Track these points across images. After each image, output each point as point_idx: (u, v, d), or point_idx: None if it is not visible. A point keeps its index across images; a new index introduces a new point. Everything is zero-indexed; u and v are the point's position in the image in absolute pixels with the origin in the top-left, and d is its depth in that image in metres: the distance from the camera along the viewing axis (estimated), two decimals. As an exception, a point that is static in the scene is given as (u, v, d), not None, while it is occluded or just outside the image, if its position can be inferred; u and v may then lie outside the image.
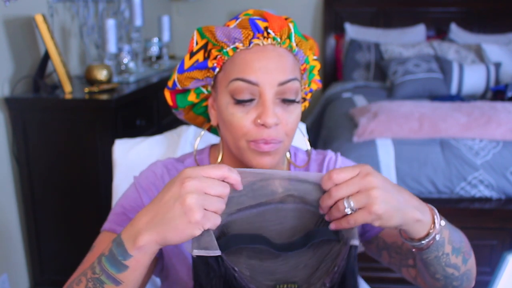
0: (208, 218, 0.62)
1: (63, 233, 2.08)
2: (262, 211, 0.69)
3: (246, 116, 0.77)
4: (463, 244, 0.82)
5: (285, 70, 0.78)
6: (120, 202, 0.88)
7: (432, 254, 0.75)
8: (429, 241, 0.73)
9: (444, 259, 0.77)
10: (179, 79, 0.83)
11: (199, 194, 0.61)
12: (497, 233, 2.19)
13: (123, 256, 0.64)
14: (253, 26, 0.78)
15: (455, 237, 0.79)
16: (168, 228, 0.62)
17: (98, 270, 0.66)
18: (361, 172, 0.67)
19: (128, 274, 0.65)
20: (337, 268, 0.69)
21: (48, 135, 1.99)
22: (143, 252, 0.64)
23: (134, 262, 0.64)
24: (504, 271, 0.59)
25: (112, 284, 0.65)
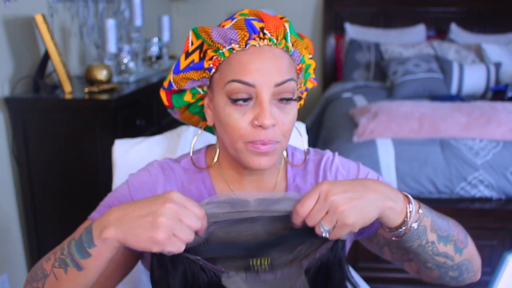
0: (172, 242, 0.65)
1: (63, 233, 2.07)
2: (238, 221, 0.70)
3: (243, 118, 0.78)
4: (453, 232, 0.83)
5: (282, 70, 0.78)
6: (111, 195, 0.91)
7: (414, 242, 0.78)
8: (406, 228, 0.75)
9: (430, 248, 0.79)
10: (174, 79, 0.83)
11: (172, 218, 0.65)
12: (497, 233, 2.19)
13: (88, 244, 0.68)
14: (249, 27, 0.78)
15: (440, 225, 0.81)
16: (132, 232, 0.65)
17: (66, 252, 0.70)
18: (321, 194, 0.70)
19: (89, 262, 0.68)
20: (318, 255, 0.71)
21: (48, 135, 1.99)
22: (105, 244, 0.67)
23: (97, 252, 0.67)
24: (504, 271, 0.59)
25: (75, 268, 0.69)
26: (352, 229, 0.70)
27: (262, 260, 0.71)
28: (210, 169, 0.91)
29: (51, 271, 0.71)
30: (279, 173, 0.92)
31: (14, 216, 2.07)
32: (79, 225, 2.13)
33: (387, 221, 0.75)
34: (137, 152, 1.28)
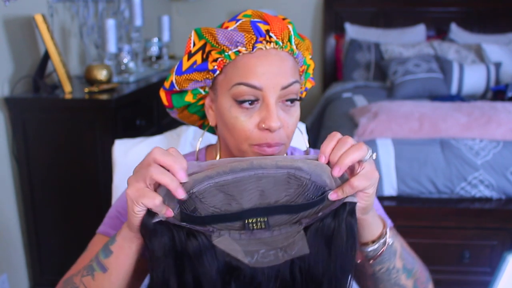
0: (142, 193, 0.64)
1: (63, 233, 2.08)
2: (240, 179, 0.66)
3: (249, 120, 0.78)
4: (416, 269, 0.83)
5: (287, 73, 0.78)
6: (115, 204, 0.91)
7: (384, 264, 0.78)
8: (383, 242, 0.76)
9: (394, 275, 0.79)
10: (177, 80, 0.83)
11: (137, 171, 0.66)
12: (497, 233, 2.19)
13: (111, 241, 0.71)
14: (256, 30, 0.78)
15: (407, 256, 0.82)
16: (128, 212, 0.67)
17: (93, 258, 0.73)
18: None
19: (112, 261, 0.71)
20: (321, 214, 0.68)
21: (47, 135, 1.99)
22: (123, 237, 0.70)
23: (117, 247, 0.70)
24: (505, 271, 0.59)
25: (100, 270, 0.71)
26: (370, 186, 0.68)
27: (259, 218, 0.68)
28: None
29: (80, 282, 0.74)
30: None
31: (14, 216, 2.07)
32: (78, 225, 2.13)
33: (369, 229, 0.75)
34: (137, 152, 1.28)
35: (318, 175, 0.67)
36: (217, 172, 0.65)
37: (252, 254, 0.67)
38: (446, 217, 2.18)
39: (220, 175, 0.65)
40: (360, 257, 0.79)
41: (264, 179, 0.67)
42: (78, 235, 2.06)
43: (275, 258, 0.67)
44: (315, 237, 0.68)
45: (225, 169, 0.65)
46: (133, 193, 0.64)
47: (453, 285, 2.25)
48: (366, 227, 0.75)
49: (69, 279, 0.76)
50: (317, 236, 0.68)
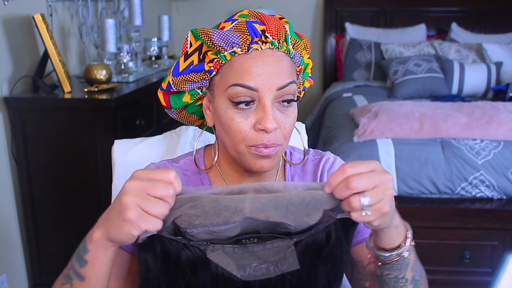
0: (145, 219, 0.62)
1: (62, 233, 2.07)
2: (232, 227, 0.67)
3: (245, 121, 0.77)
4: (423, 282, 0.81)
5: (283, 74, 0.78)
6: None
7: (394, 272, 0.75)
8: (398, 254, 0.73)
9: (402, 284, 0.77)
10: (174, 81, 0.83)
11: (137, 195, 0.62)
12: (498, 233, 2.19)
13: (84, 251, 0.69)
14: (251, 31, 0.78)
15: (418, 268, 0.79)
16: (112, 225, 0.65)
17: (69, 266, 0.71)
18: (377, 168, 0.65)
19: (88, 270, 0.69)
20: (313, 231, 0.69)
21: (47, 135, 1.99)
22: (96, 246, 0.67)
23: (91, 257, 0.68)
24: (505, 272, 0.58)
25: (77, 279, 0.70)
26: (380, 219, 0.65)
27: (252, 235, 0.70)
28: (210, 170, 0.91)
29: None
30: (277, 172, 0.92)
31: (13, 216, 2.07)
32: (78, 225, 2.12)
33: (387, 237, 0.72)
34: (136, 152, 1.27)
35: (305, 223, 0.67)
36: (211, 222, 0.65)
37: (244, 268, 0.68)
38: (447, 217, 2.17)
39: (214, 225, 0.66)
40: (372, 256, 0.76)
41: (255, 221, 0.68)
42: (77, 235, 2.05)
43: (267, 271, 0.68)
44: (306, 252, 0.69)
45: (218, 220, 0.65)
46: (135, 217, 0.62)
47: (453, 285, 2.25)
48: (384, 238, 0.72)
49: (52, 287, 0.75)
50: (308, 250, 0.69)
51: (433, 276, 2.24)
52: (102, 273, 0.69)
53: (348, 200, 0.64)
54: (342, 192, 0.64)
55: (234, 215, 0.64)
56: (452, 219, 2.18)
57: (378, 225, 0.67)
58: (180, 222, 0.66)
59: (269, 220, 0.66)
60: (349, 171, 0.64)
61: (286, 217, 0.65)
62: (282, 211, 0.65)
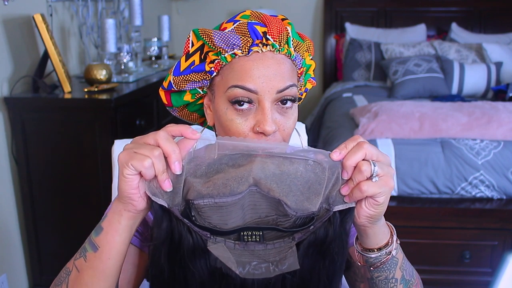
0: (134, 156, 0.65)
1: (62, 233, 2.07)
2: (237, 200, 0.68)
3: (245, 123, 0.77)
4: (413, 281, 0.82)
5: (284, 77, 0.78)
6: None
7: (383, 273, 0.77)
8: (387, 252, 0.75)
9: (392, 285, 0.78)
10: (175, 81, 0.83)
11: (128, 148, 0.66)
12: (498, 233, 2.19)
13: (102, 219, 0.72)
14: (252, 33, 0.77)
15: (407, 266, 0.81)
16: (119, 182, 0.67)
17: (87, 239, 0.73)
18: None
19: (102, 237, 0.70)
20: (312, 228, 0.69)
21: (47, 135, 1.99)
22: (112, 212, 0.70)
23: (107, 223, 0.70)
24: (505, 272, 0.58)
25: (92, 250, 0.71)
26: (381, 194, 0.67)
27: (254, 232, 0.70)
28: None
29: (73, 266, 0.73)
30: None
31: (13, 216, 2.07)
32: (78, 225, 2.12)
33: (374, 236, 0.74)
34: (136, 152, 1.27)
35: (305, 208, 0.69)
36: (218, 193, 0.67)
37: (244, 265, 0.68)
38: (447, 217, 2.17)
39: (220, 196, 0.67)
40: (361, 261, 0.78)
41: (257, 194, 0.69)
42: (77, 235, 2.05)
43: (266, 271, 0.68)
44: (308, 251, 0.70)
45: (225, 191, 0.67)
46: (124, 156, 0.65)
47: (453, 285, 2.25)
48: (372, 235, 0.74)
49: (64, 267, 0.76)
50: (310, 249, 0.70)
51: (433, 276, 2.24)
52: (115, 244, 0.70)
53: (359, 165, 0.67)
54: (354, 155, 0.67)
55: (240, 185, 0.67)
56: (452, 219, 2.17)
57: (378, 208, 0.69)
58: (190, 194, 0.67)
59: (270, 195, 0.67)
60: (360, 139, 0.69)
61: (286, 196, 0.68)
62: (284, 189, 0.68)
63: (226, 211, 0.68)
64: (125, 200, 0.68)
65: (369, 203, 0.69)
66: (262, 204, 0.69)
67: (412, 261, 0.87)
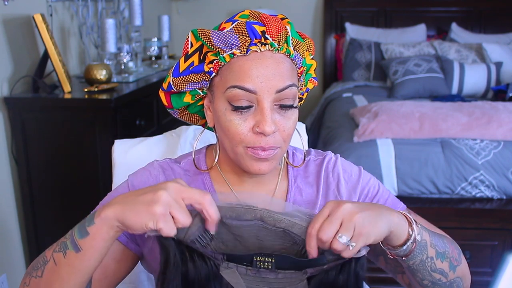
0: (166, 220, 0.64)
1: (62, 233, 2.06)
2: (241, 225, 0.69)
3: (244, 124, 0.77)
4: (448, 249, 0.83)
5: (283, 76, 0.77)
6: (111, 194, 0.92)
7: (417, 258, 0.77)
8: (412, 244, 0.75)
9: (429, 264, 0.79)
10: (174, 82, 0.83)
11: (174, 195, 0.65)
12: (498, 233, 2.19)
13: (89, 222, 0.69)
14: (250, 32, 0.77)
15: (437, 241, 0.81)
16: (131, 208, 0.66)
17: (68, 235, 0.72)
18: (332, 208, 0.69)
19: (87, 242, 0.69)
20: (326, 267, 0.70)
21: (47, 135, 1.98)
22: (103, 222, 0.68)
23: (94, 230, 0.68)
24: (505, 272, 0.58)
25: (73, 250, 0.70)
26: (367, 239, 0.68)
27: (267, 258, 0.70)
28: (211, 170, 0.91)
29: (51, 257, 0.72)
30: (279, 174, 0.91)
31: (13, 216, 2.07)
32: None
33: (394, 237, 0.74)
34: (136, 152, 1.27)
35: None
36: (224, 215, 0.68)
37: None
38: (447, 217, 2.17)
39: (227, 218, 0.69)
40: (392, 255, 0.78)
41: (263, 229, 0.70)
42: (77, 235, 2.06)
43: None
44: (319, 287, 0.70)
45: (232, 214, 0.68)
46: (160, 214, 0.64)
47: (453, 285, 2.25)
48: (393, 237, 0.74)
49: (42, 253, 0.76)
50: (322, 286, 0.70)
51: (433, 276, 2.24)
52: (99, 250, 0.69)
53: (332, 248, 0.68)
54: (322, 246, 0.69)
55: (247, 213, 0.68)
56: (452, 219, 2.17)
57: (376, 239, 0.70)
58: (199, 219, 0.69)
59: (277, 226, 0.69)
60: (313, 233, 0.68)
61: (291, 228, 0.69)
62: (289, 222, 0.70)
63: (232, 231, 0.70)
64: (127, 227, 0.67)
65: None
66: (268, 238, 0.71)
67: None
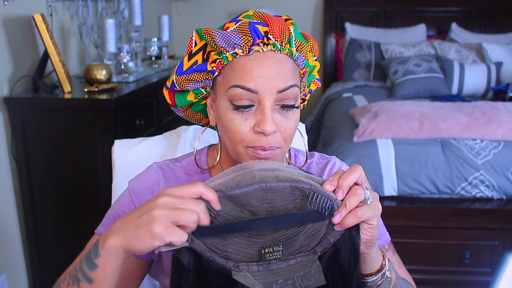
0: (171, 232, 0.62)
1: (62, 233, 2.07)
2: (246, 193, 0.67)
3: (245, 123, 0.77)
4: None
5: (285, 77, 0.77)
6: (114, 206, 0.90)
7: None
8: (382, 274, 0.76)
9: None
10: (177, 80, 0.83)
11: (168, 208, 0.63)
12: (498, 233, 2.19)
13: (95, 255, 0.68)
14: (253, 32, 0.77)
15: (401, 283, 0.83)
16: (132, 235, 0.64)
17: (77, 268, 0.70)
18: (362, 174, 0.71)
19: (98, 273, 0.68)
20: (332, 240, 0.70)
21: (47, 135, 1.99)
22: (109, 253, 0.66)
23: (102, 262, 0.67)
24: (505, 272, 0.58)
25: (86, 282, 0.69)
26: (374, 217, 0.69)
27: (274, 247, 0.69)
28: (212, 169, 0.91)
29: None
30: None
31: (13, 216, 2.07)
32: (78, 225, 2.12)
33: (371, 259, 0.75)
34: (136, 152, 1.27)
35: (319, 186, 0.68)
36: (225, 187, 0.66)
37: (271, 285, 0.68)
38: (447, 217, 2.17)
39: (228, 190, 0.66)
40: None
41: (269, 192, 0.67)
42: (77, 235, 2.06)
43: (292, 287, 0.69)
44: (329, 263, 0.70)
45: (231, 184, 0.66)
46: (161, 230, 0.62)
47: (453, 285, 2.25)
48: (368, 261, 0.75)
49: (57, 285, 0.75)
50: (331, 262, 0.70)
51: (433, 276, 2.24)
52: (112, 277, 0.69)
53: (353, 190, 0.68)
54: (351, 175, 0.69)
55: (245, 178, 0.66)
56: (452, 219, 2.17)
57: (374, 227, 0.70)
58: None
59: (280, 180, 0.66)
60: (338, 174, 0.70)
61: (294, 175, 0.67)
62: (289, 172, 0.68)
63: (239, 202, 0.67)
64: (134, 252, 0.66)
65: (365, 228, 0.70)
66: (278, 201, 0.68)
67: (412, 261, 0.88)
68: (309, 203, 0.68)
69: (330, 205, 0.68)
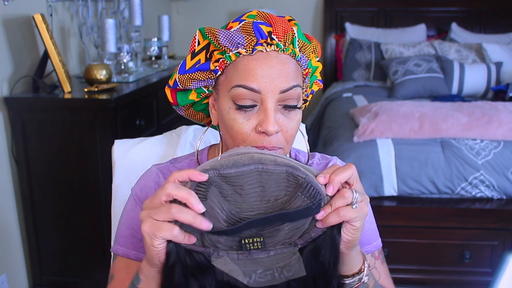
0: (157, 226, 0.64)
1: (63, 233, 2.07)
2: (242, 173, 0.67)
3: (247, 123, 0.77)
4: None
5: (288, 77, 0.77)
6: (125, 221, 0.90)
7: None
8: (359, 278, 0.76)
9: None
10: (180, 79, 0.83)
11: (149, 208, 0.66)
12: (498, 233, 2.19)
13: (137, 281, 0.73)
14: (257, 32, 0.77)
15: None
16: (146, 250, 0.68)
17: None
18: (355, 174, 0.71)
19: None
20: (314, 235, 0.70)
21: (47, 135, 1.99)
22: (145, 275, 0.71)
23: (143, 285, 0.72)
24: (505, 272, 0.58)
25: None
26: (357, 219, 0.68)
27: (255, 239, 0.69)
28: None
29: None
30: None
31: (13, 216, 2.07)
32: (78, 225, 2.12)
33: (351, 260, 0.74)
34: (136, 152, 1.27)
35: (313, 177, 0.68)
36: (221, 165, 0.66)
37: (250, 274, 0.68)
38: (447, 217, 2.17)
39: (224, 168, 0.66)
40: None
41: (264, 174, 0.67)
42: (77, 235, 2.06)
43: (272, 278, 0.68)
44: (310, 258, 0.70)
45: (228, 163, 0.66)
46: (149, 228, 0.65)
47: (453, 285, 2.25)
48: (347, 262, 0.74)
49: None
50: (312, 258, 0.70)
51: (433, 276, 2.24)
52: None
53: (342, 192, 0.68)
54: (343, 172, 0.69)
55: (243, 157, 0.66)
56: (452, 219, 2.18)
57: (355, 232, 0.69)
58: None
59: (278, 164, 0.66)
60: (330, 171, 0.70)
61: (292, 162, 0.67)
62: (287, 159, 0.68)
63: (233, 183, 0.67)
64: (155, 263, 0.68)
65: (347, 229, 0.69)
66: (271, 185, 0.68)
67: (412, 261, 0.87)
68: (300, 193, 0.68)
69: (318, 199, 0.68)
